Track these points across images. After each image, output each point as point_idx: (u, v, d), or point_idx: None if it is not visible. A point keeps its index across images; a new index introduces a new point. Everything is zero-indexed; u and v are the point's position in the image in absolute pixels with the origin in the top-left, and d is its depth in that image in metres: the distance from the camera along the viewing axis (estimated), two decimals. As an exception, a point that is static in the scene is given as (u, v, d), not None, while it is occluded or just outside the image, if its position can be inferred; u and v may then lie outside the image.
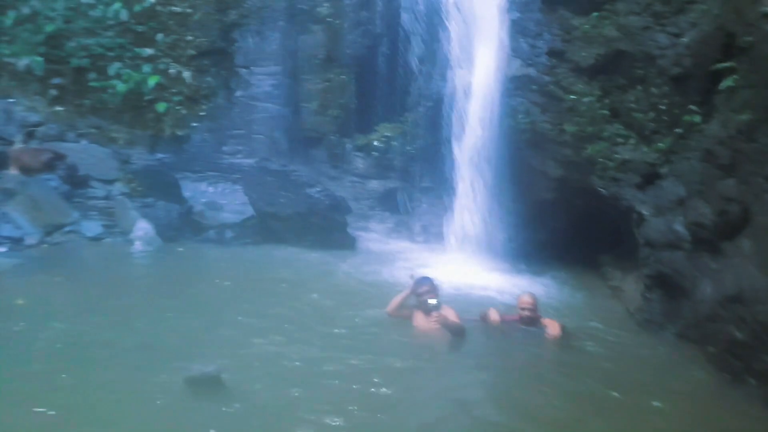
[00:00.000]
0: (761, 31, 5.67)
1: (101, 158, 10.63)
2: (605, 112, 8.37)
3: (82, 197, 9.95)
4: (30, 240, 8.74)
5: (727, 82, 6.16)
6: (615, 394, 5.42)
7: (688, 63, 7.30)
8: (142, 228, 9.48)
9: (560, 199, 9.57)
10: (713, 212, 6.22)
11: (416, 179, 12.06)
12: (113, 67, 11.17)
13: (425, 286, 6.59)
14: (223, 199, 11.24)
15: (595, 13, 8.45)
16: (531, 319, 6.57)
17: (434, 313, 6.32)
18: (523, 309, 6.59)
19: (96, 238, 9.22)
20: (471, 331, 6.43)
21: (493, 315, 6.67)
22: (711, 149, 6.39)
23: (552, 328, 6.56)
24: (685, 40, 7.39)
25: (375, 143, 12.24)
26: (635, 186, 7.97)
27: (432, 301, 6.34)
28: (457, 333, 6.24)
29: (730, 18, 6.39)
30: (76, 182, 10.09)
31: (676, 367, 6.07)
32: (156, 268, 8.64)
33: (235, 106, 11.96)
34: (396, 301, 6.77)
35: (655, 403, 5.25)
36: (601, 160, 8.38)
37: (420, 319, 6.54)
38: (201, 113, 11.69)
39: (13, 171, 9.82)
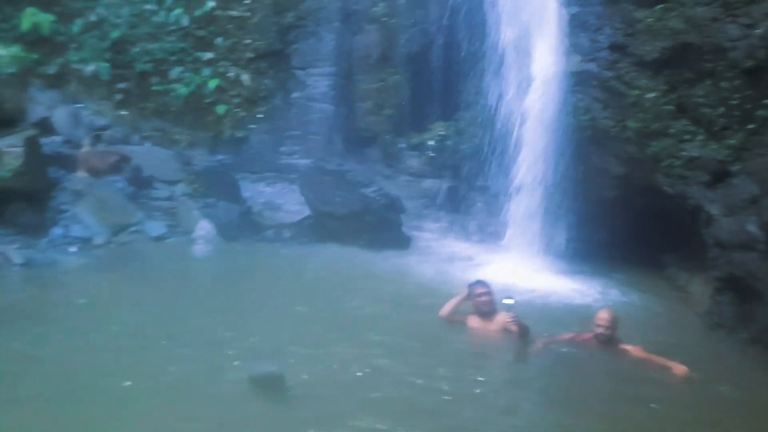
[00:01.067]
0: None
1: (164, 160, 10.96)
2: (671, 107, 8.07)
3: (147, 198, 10.29)
4: (98, 240, 9.08)
5: (806, 75, 5.84)
6: (679, 397, 5.22)
7: (762, 55, 6.96)
8: (204, 228, 9.72)
9: (622, 197, 9.29)
10: (791, 212, 5.92)
11: (471, 178, 11.92)
12: (175, 71, 11.50)
13: (481, 288, 6.44)
14: (281, 199, 11.40)
15: (659, 5, 8.16)
16: (608, 339, 5.95)
17: (511, 313, 5.97)
18: (599, 326, 5.98)
19: (160, 238, 9.50)
20: (541, 353, 6.00)
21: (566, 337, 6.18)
22: (788, 145, 6.08)
23: (635, 351, 5.92)
24: (759, 31, 7.05)
25: (429, 142, 12.17)
26: (703, 184, 7.66)
27: (508, 301, 5.95)
28: (524, 335, 6.06)
29: (809, 6, 6.06)
30: (141, 183, 10.44)
31: (747, 373, 5.81)
32: (217, 267, 8.86)
33: (292, 107, 12.10)
34: (450, 304, 6.64)
35: (727, 408, 5.03)
36: (666, 157, 8.08)
37: (476, 323, 6.40)
38: (259, 115, 11.90)
39: (81, 173, 10.23)
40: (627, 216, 9.45)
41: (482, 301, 6.34)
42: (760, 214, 6.45)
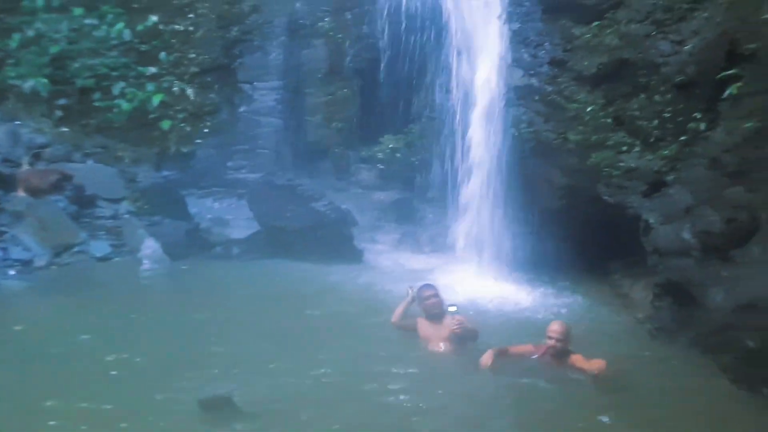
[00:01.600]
0: (765, 38, 5.69)
1: (108, 177, 10.69)
2: (609, 120, 8.37)
3: (90, 217, 10.01)
4: (39, 262, 8.78)
5: (731, 90, 6.17)
6: (626, 404, 5.40)
7: (691, 70, 7.30)
8: (150, 246, 9.52)
9: (567, 207, 9.55)
10: (721, 220, 6.21)
11: (422, 190, 12.07)
12: (117, 87, 11.26)
13: (429, 291, 6.53)
14: (229, 215, 11.26)
15: (596, 22, 8.46)
16: (560, 352, 5.84)
17: (456, 317, 6.06)
18: (550, 338, 5.86)
19: (104, 258, 9.26)
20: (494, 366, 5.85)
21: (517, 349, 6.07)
22: (717, 157, 6.38)
23: (589, 365, 5.77)
24: (688, 47, 7.39)
25: (380, 155, 12.26)
26: (641, 194, 7.95)
27: (452, 308, 6.10)
28: (473, 339, 6.16)
29: (733, 25, 6.41)
30: (84, 202, 10.15)
31: (688, 377, 6.04)
32: (164, 287, 8.68)
33: (239, 121, 12.00)
34: (399, 310, 6.75)
35: (669, 414, 5.23)
36: (606, 168, 8.37)
37: (425, 327, 6.48)
38: (205, 130, 11.75)
39: (21, 193, 9.88)
40: (573, 225, 9.72)
41: (431, 303, 6.42)
42: (694, 222, 6.73)
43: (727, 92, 6.25)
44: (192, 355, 5.96)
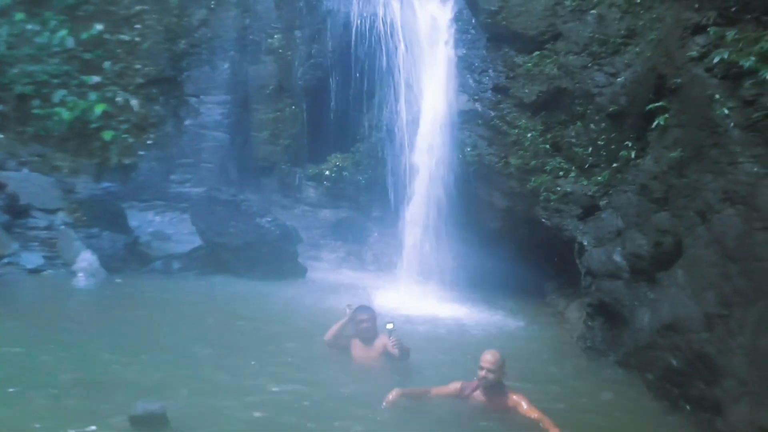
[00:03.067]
0: (689, 73, 6.05)
1: (44, 187, 10.34)
2: (547, 146, 8.72)
3: (23, 227, 9.65)
4: (-35, 273, 8.40)
5: (659, 121, 6.50)
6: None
7: (623, 101, 7.69)
8: (86, 259, 9.24)
9: (507, 228, 9.84)
10: (649, 243, 6.52)
11: (368, 208, 12.16)
12: (58, 95, 10.96)
13: (365, 314, 6.45)
14: (171, 229, 11.07)
15: (536, 52, 8.83)
16: (492, 384, 5.27)
17: (391, 338, 6.05)
18: (482, 368, 5.26)
19: (36, 270, 8.92)
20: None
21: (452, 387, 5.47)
22: (646, 183, 6.71)
23: (522, 408, 5.22)
24: (620, 79, 7.80)
25: (326, 173, 12.31)
26: (576, 217, 8.28)
27: (389, 326, 6.09)
28: (405, 357, 6.15)
29: (661, 60, 6.79)
30: (17, 212, 9.78)
31: (615, 394, 6.26)
32: (98, 302, 8.41)
33: (184, 134, 11.85)
34: (333, 330, 6.64)
35: (592, 428, 5.40)
36: (544, 192, 8.68)
37: (358, 349, 6.43)
38: (149, 142, 11.55)
39: (-52, 201, 9.46)
40: (512, 246, 10.02)
41: (364, 327, 6.37)
42: (624, 245, 7.05)
43: (655, 123, 6.59)
44: (124, 372, 5.78)
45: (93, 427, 4.65)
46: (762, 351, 4.62)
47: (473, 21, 9.92)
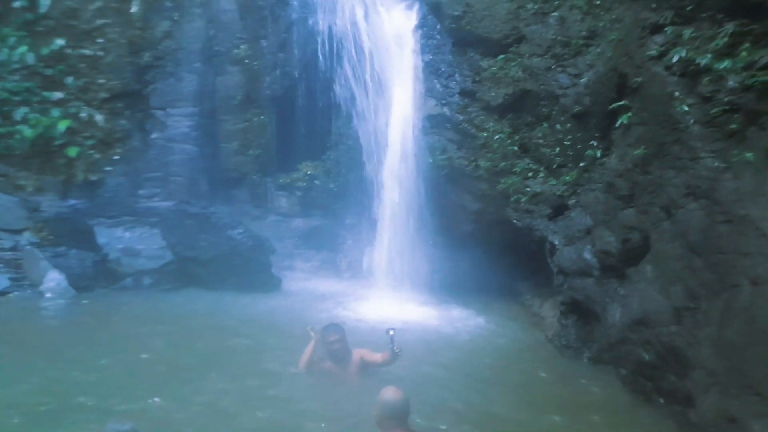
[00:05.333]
0: (648, 72, 6.18)
1: (7, 207, 10.08)
2: (515, 147, 8.81)
3: (-13, 249, 9.40)
4: (-73, 298, 8.15)
5: (622, 119, 6.63)
6: (525, 415, 5.59)
7: (587, 101, 7.82)
8: (54, 279, 9.04)
9: (479, 231, 9.90)
10: (617, 240, 6.63)
11: (340, 216, 12.13)
12: (19, 112, 10.70)
13: (334, 336, 6.04)
14: (141, 245, 10.85)
15: (501, 56, 8.92)
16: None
17: (395, 345, 5.80)
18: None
19: (2, 293, 8.71)
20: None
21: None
22: (611, 181, 6.83)
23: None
24: (583, 80, 7.93)
25: (298, 182, 12.26)
26: (546, 217, 8.38)
27: (391, 332, 5.80)
28: (394, 360, 5.96)
29: (621, 60, 6.92)
30: (-20, 233, 9.53)
31: (590, 391, 6.34)
32: (67, 322, 8.23)
33: (151, 148, 11.66)
34: (304, 356, 6.22)
35: (568, 425, 5.46)
36: (514, 193, 8.76)
37: (332, 368, 6.08)
38: (115, 157, 11.34)
39: None
40: (485, 248, 10.07)
41: (335, 348, 6.02)
42: (594, 243, 7.15)
43: (618, 122, 6.71)
44: (94, 391, 5.67)
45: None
46: (728, 341, 4.72)
47: (438, 26, 9.99)
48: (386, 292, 10.18)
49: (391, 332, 5.86)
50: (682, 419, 5.29)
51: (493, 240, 9.88)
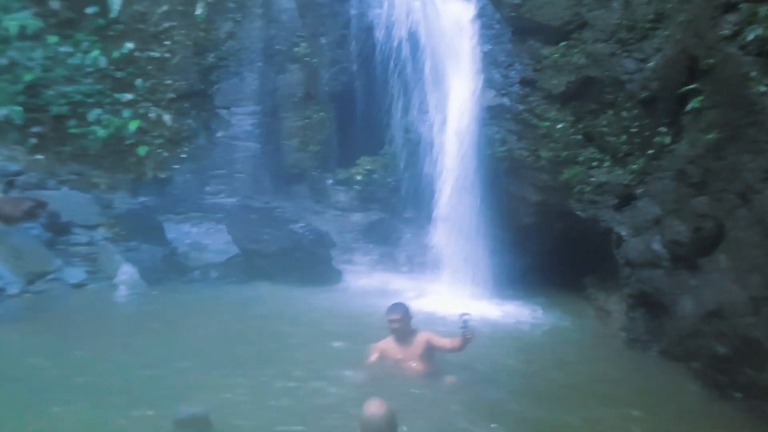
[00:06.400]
0: (721, 53, 5.91)
1: (83, 204, 10.61)
2: (579, 137, 8.58)
3: (65, 244, 9.90)
4: (12, 290, 8.65)
5: (693, 104, 6.37)
6: (601, 413, 5.45)
7: (655, 86, 7.54)
8: (126, 272, 9.44)
9: (541, 223, 9.71)
10: (688, 230, 6.37)
11: (399, 210, 12.16)
12: (93, 113, 11.23)
13: (393, 315, 6.04)
14: (207, 239, 11.23)
15: (563, 43, 8.72)
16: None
17: (467, 333, 5.68)
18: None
19: (79, 285, 9.15)
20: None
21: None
22: (682, 168, 6.56)
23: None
24: (651, 64, 7.65)
25: (357, 177, 12.36)
26: (612, 207, 8.13)
27: (466, 317, 5.68)
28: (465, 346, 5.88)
29: (692, 42, 6.64)
30: (59, 229, 10.05)
31: (662, 385, 6.13)
32: (140, 312, 8.58)
33: (216, 146, 12.04)
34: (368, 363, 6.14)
35: (643, 422, 5.29)
36: (577, 183, 8.55)
37: (393, 350, 6.07)
38: (182, 155, 11.75)
39: (-6, 221, 9.76)
40: (547, 241, 9.89)
41: (393, 327, 6.04)
42: (663, 233, 6.89)
43: (689, 106, 6.45)
44: (167, 377, 5.90)
45: (137, 430, 4.75)
46: (813, 332, 4.46)
47: (497, 16, 9.85)
48: (446, 286, 10.12)
49: (465, 317, 5.71)
50: (761, 414, 5.04)
51: (555, 233, 9.68)
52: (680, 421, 5.39)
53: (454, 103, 10.42)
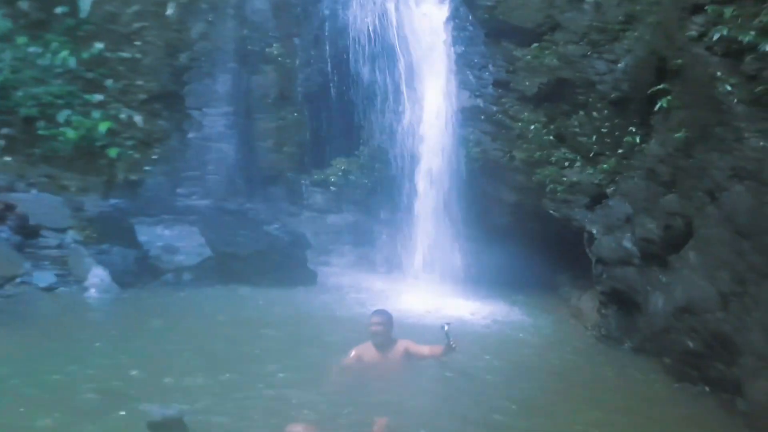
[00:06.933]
0: (689, 53, 6.04)
1: (53, 207, 10.38)
2: (551, 137, 8.70)
3: (34, 247, 9.66)
4: (-21, 294, 8.44)
5: (662, 103, 6.49)
6: (572, 407, 5.50)
7: (625, 87, 7.67)
8: (97, 275, 9.27)
9: (515, 223, 9.81)
10: (659, 227, 6.48)
11: (375, 211, 12.16)
12: (63, 115, 11.01)
13: (377, 317, 5.96)
14: (180, 242, 11.03)
15: (535, 44, 8.82)
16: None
17: (451, 340, 5.73)
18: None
19: (49, 288, 8.94)
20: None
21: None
22: (652, 167, 6.68)
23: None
24: (621, 65, 7.79)
25: (332, 178, 12.33)
26: (584, 206, 8.26)
27: (446, 327, 5.77)
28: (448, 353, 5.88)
29: (661, 43, 6.78)
30: (28, 232, 9.82)
31: (634, 380, 6.22)
32: (111, 315, 8.43)
33: (189, 147, 11.87)
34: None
35: (614, 415, 5.36)
36: (550, 183, 8.65)
37: (370, 355, 5.94)
38: (154, 157, 11.57)
39: (-40, 224, 9.52)
40: (522, 240, 9.96)
41: (374, 331, 5.91)
42: (634, 231, 7.01)
43: (658, 106, 6.57)
44: (139, 379, 5.79)
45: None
46: (779, 325, 4.57)
47: (470, 17, 9.93)
48: (422, 286, 10.15)
49: (446, 327, 5.79)
50: (731, 408, 5.15)
51: (529, 232, 9.77)
52: (650, 415, 5.46)
53: (429, 104, 10.49)
